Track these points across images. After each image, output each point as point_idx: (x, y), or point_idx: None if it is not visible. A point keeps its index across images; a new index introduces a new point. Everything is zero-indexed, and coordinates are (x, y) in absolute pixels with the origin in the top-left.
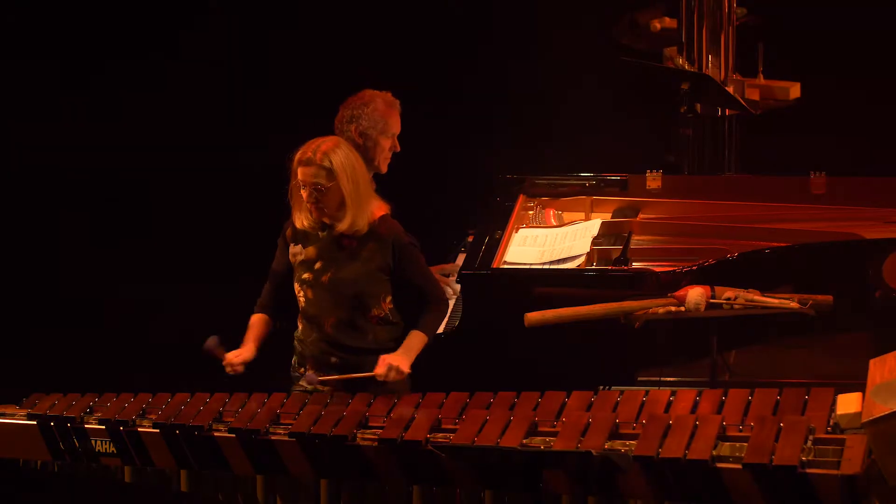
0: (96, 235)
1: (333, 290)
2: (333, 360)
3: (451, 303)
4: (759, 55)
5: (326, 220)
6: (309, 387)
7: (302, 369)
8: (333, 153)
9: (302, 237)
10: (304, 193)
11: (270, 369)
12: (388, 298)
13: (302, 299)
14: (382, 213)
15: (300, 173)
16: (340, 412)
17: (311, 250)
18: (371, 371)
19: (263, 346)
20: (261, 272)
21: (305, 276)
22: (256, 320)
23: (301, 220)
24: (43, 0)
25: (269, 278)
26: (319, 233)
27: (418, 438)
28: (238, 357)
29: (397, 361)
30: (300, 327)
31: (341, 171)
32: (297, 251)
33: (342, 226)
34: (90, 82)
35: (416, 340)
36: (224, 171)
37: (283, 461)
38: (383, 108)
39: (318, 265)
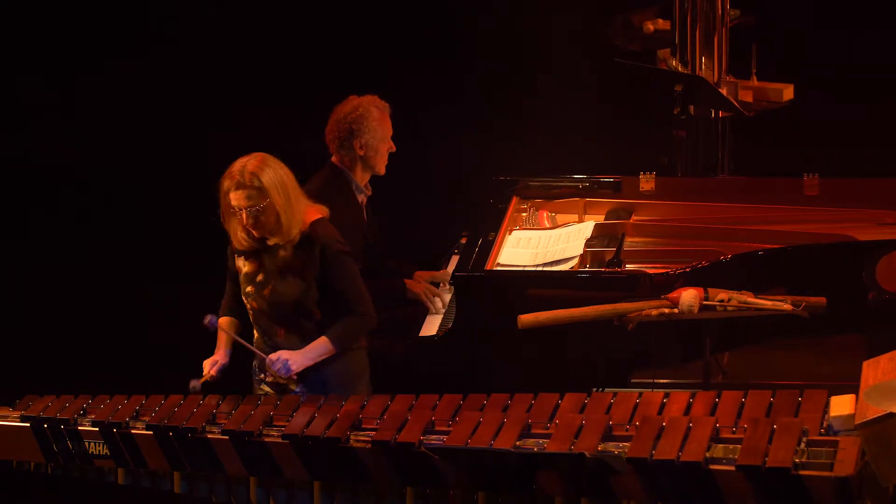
0: (93, 235)
1: (275, 304)
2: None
3: (443, 311)
4: (753, 57)
5: (264, 236)
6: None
7: (262, 374)
8: (262, 172)
9: (242, 250)
10: (241, 217)
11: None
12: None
13: (250, 312)
14: (315, 217)
15: (233, 199)
16: (333, 414)
17: (251, 264)
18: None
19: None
20: None
21: (249, 289)
22: (222, 323)
23: (239, 241)
24: None
25: (229, 278)
26: (258, 246)
27: (411, 440)
28: (215, 366)
29: (289, 356)
30: (255, 335)
31: (272, 188)
32: (241, 264)
33: (277, 238)
34: (87, 82)
35: (318, 345)
36: (221, 169)
37: (277, 463)
38: (378, 116)
39: (259, 278)
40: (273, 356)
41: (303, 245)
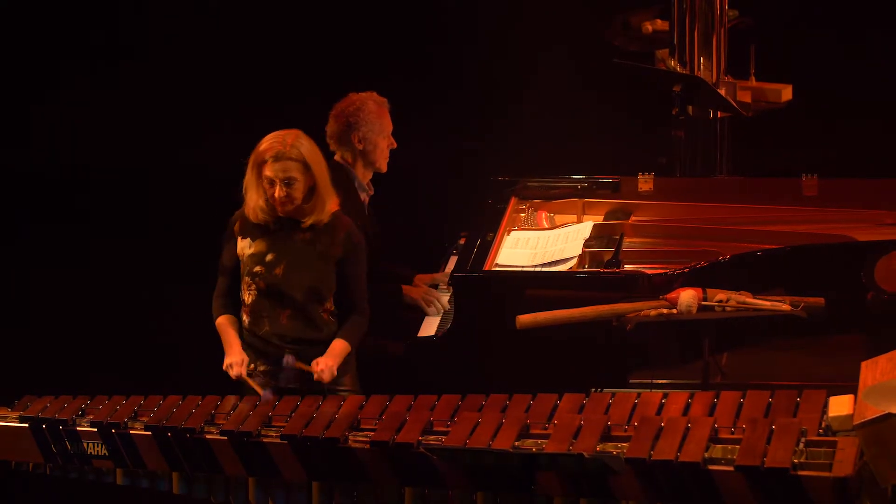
0: (93, 235)
1: (288, 283)
2: (288, 351)
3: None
4: (751, 57)
5: (289, 213)
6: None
7: (252, 366)
8: (301, 145)
9: (250, 231)
10: (273, 189)
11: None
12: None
13: (253, 293)
14: (335, 207)
15: (270, 169)
16: (332, 414)
17: (261, 243)
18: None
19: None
20: None
21: (257, 269)
22: (226, 322)
23: (257, 214)
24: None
25: (221, 274)
26: (270, 225)
27: (410, 441)
28: (241, 366)
29: (328, 365)
30: (247, 321)
31: (313, 162)
32: (245, 245)
33: (311, 218)
34: (87, 82)
35: (339, 348)
36: (220, 169)
37: (275, 463)
38: (376, 110)
39: (269, 257)
40: (317, 368)
41: (327, 230)
